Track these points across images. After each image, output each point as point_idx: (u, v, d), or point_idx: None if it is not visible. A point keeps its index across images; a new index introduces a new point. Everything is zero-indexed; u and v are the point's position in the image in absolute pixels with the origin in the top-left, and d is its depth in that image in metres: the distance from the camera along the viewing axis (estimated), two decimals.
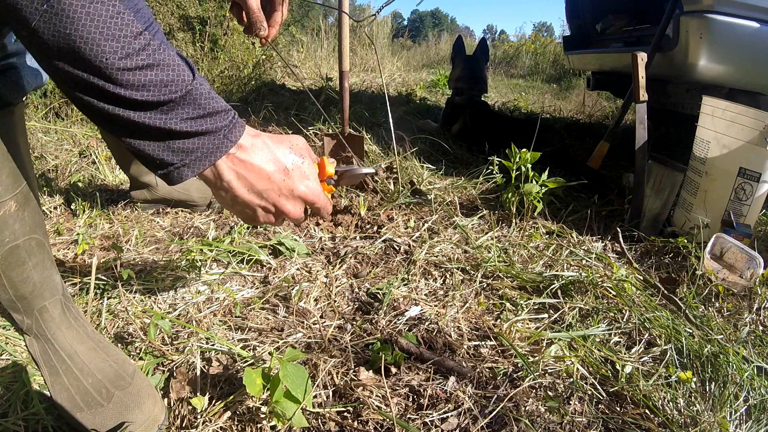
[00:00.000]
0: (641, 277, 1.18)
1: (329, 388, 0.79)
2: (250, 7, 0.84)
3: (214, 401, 0.74)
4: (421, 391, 0.78)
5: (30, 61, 0.69)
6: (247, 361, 0.83)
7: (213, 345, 0.86)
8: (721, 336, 0.95)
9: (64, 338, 0.72)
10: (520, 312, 1.01)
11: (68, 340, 0.73)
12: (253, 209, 0.55)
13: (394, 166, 1.73)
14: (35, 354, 0.73)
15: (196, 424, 0.70)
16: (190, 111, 0.47)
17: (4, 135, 0.63)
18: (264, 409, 0.71)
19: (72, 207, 1.37)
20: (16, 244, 0.66)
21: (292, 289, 1.04)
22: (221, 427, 0.70)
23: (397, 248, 1.26)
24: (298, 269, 1.14)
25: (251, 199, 0.54)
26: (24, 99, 0.70)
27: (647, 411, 0.78)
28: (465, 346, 0.90)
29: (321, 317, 0.98)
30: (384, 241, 1.28)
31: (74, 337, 0.73)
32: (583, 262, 1.22)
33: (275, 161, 0.54)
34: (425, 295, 1.07)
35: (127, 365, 0.74)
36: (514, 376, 0.84)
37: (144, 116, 0.45)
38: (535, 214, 1.43)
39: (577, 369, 0.85)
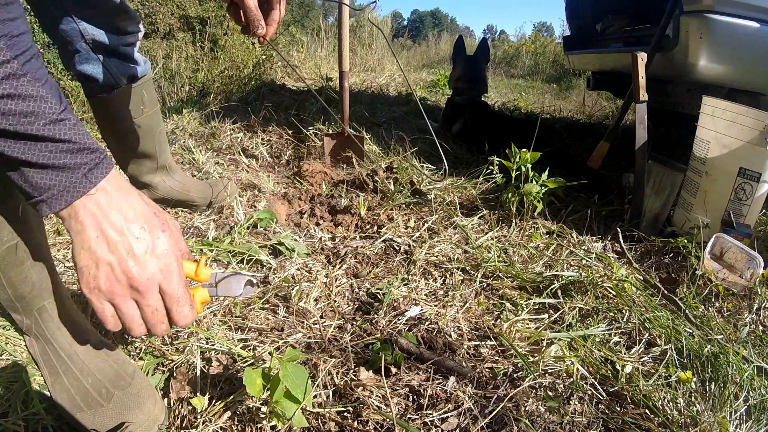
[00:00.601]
0: (641, 277, 1.18)
1: (329, 388, 0.79)
2: (248, 6, 0.83)
3: (214, 401, 0.74)
4: (421, 391, 0.78)
5: None
6: (247, 361, 0.83)
7: (213, 345, 0.86)
8: (721, 336, 0.95)
9: (63, 338, 0.72)
10: (520, 312, 1.01)
11: (68, 340, 0.73)
12: (96, 262, 0.49)
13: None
14: (35, 354, 0.73)
15: (196, 424, 0.70)
16: (50, 145, 0.46)
17: None
18: (264, 409, 0.71)
19: None
20: (14, 243, 0.66)
21: (292, 289, 1.04)
22: (221, 427, 0.70)
23: (397, 248, 1.26)
24: (298, 269, 1.14)
25: (97, 248, 0.49)
26: None
27: (647, 411, 0.78)
28: (465, 346, 0.90)
29: (321, 317, 0.98)
30: (384, 241, 1.28)
31: (74, 337, 0.73)
32: (583, 262, 1.22)
33: (135, 218, 0.51)
34: (425, 295, 1.07)
35: (127, 365, 0.74)
36: (514, 376, 0.84)
37: (3, 144, 0.45)
38: (535, 214, 1.43)
39: (577, 369, 0.85)
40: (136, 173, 1.33)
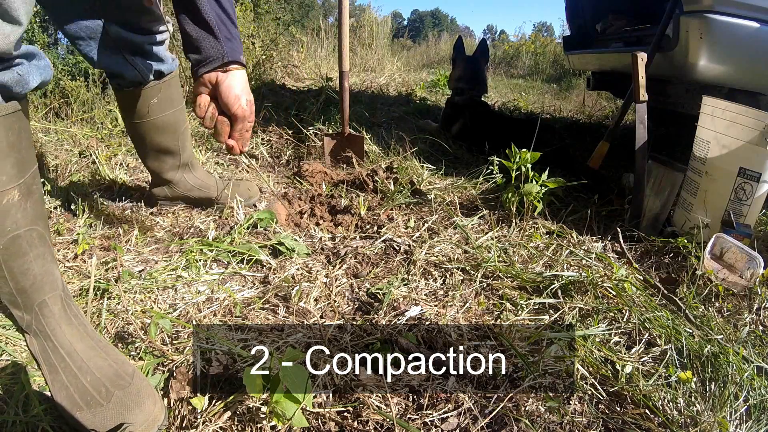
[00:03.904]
0: (641, 277, 1.18)
1: (329, 388, 0.79)
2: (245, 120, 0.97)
3: (214, 401, 0.74)
4: (421, 391, 0.78)
5: (37, 61, 0.70)
6: (247, 361, 0.83)
7: (213, 345, 0.86)
8: (721, 336, 0.95)
9: (63, 335, 0.72)
10: (520, 312, 1.01)
11: (67, 337, 0.73)
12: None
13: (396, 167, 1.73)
14: (35, 352, 0.73)
15: (196, 424, 0.70)
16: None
17: (11, 127, 0.64)
18: (264, 409, 0.71)
19: (72, 207, 1.37)
20: (17, 233, 0.66)
21: (292, 289, 1.04)
22: (221, 427, 0.70)
23: (397, 248, 1.26)
24: (298, 269, 1.14)
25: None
26: (27, 96, 0.70)
27: (647, 411, 0.78)
28: (465, 346, 0.90)
29: (321, 317, 0.98)
30: (384, 241, 1.28)
31: (73, 334, 0.73)
32: (583, 262, 1.22)
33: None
34: (425, 295, 1.07)
35: (127, 365, 0.74)
36: (514, 376, 0.84)
37: None
38: (535, 214, 1.43)
39: (577, 369, 0.85)
40: (158, 169, 1.33)
